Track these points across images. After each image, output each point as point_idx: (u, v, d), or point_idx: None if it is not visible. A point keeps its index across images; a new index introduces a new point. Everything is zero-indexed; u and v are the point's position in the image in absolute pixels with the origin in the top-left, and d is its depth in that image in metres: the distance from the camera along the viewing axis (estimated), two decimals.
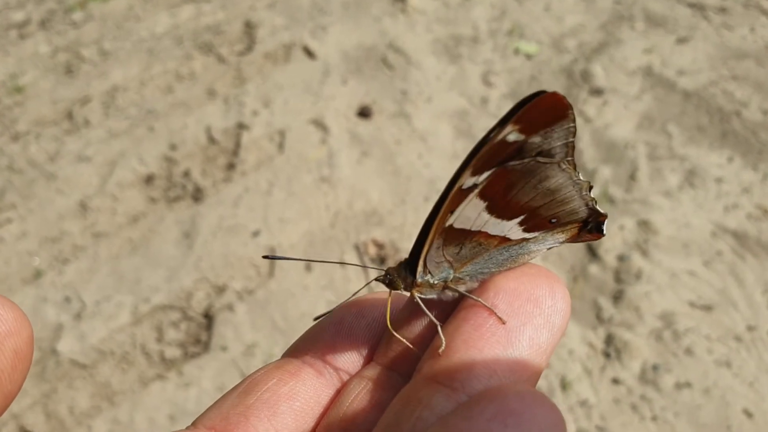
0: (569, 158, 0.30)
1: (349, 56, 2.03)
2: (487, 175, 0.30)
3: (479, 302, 0.28)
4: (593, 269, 1.36)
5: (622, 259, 1.38)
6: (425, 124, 1.77)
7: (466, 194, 0.30)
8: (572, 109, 0.29)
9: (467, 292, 0.30)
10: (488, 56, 1.98)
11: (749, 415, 1.12)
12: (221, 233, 1.53)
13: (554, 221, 0.32)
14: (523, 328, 0.27)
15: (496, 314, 0.27)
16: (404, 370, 0.30)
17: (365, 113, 1.80)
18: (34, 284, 1.47)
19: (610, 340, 1.25)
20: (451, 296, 0.32)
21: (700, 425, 1.12)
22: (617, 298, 1.31)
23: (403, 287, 0.32)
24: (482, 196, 0.30)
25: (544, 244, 0.33)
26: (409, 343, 0.30)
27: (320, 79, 1.95)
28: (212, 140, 1.78)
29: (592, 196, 0.32)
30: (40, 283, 1.47)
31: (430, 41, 2.07)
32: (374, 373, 0.30)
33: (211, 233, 1.53)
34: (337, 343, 0.31)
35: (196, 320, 1.37)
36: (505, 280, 0.29)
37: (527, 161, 0.30)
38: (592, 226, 0.33)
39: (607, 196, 1.50)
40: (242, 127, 1.80)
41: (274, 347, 1.30)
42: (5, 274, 1.50)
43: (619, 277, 1.35)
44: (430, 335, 0.30)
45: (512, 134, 0.29)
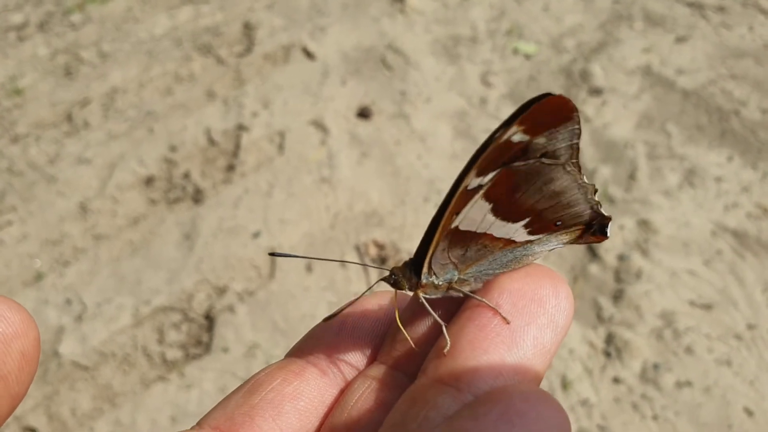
0: (574, 160, 0.31)
1: (348, 57, 2.03)
2: (492, 175, 0.30)
3: (483, 302, 0.28)
4: (593, 269, 1.37)
5: (622, 258, 1.38)
6: (424, 124, 1.77)
7: (471, 195, 0.30)
8: (578, 111, 0.29)
9: (471, 292, 0.30)
10: (487, 56, 1.98)
11: (750, 413, 1.12)
12: (221, 235, 1.53)
13: (559, 224, 0.32)
14: (527, 328, 0.27)
15: (500, 314, 0.28)
16: (408, 369, 0.30)
17: (365, 114, 1.81)
18: (35, 287, 1.47)
19: (610, 339, 1.25)
20: (455, 297, 0.32)
21: (700, 424, 1.12)
22: (617, 297, 1.32)
23: (407, 287, 0.32)
24: (487, 197, 0.30)
25: (547, 245, 0.33)
26: (413, 343, 0.30)
27: (319, 80, 1.95)
28: (212, 142, 1.78)
29: (597, 199, 0.32)
30: (41, 285, 1.47)
31: (428, 42, 2.07)
32: (378, 372, 0.30)
33: (211, 235, 1.53)
34: (340, 342, 0.32)
35: (197, 322, 1.37)
36: (509, 280, 0.29)
37: (532, 162, 0.30)
38: (596, 228, 0.33)
39: (606, 195, 1.51)
40: (242, 128, 1.80)
41: (275, 348, 1.30)
42: (6, 276, 1.50)
43: (619, 276, 1.35)
44: (434, 335, 0.30)
45: (517, 135, 0.29)
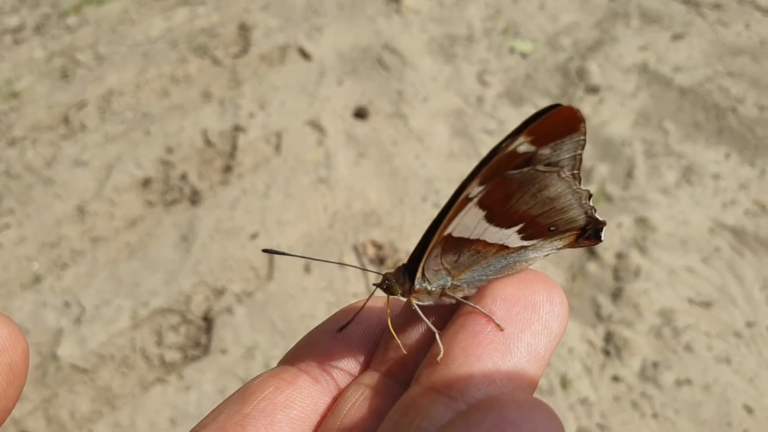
0: (576, 171, 0.31)
1: (344, 57, 2.03)
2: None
3: (477, 309, 0.28)
4: (592, 267, 1.37)
5: (620, 256, 1.38)
6: (421, 124, 1.77)
7: (465, 203, 0.30)
8: (585, 122, 0.29)
9: (465, 299, 0.30)
10: (483, 55, 1.98)
11: (749, 410, 1.12)
12: (219, 236, 1.52)
13: (553, 229, 0.32)
14: (521, 334, 0.27)
15: (494, 321, 0.27)
16: (402, 377, 0.30)
17: (361, 114, 1.80)
18: (33, 289, 1.47)
19: (609, 337, 1.25)
20: (448, 303, 0.32)
21: (700, 422, 1.12)
22: (616, 295, 1.31)
23: (400, 293, 0.32)
24: (481, 204, 0.30)
25: (542, 251, 0.33)
26: (406, 350, 0.30)
27: (316, 80, 1.95)
28: (209, 143, 1.78)
29: (591, 204, 0.32)
30: (39, 288, 1.47)
31: (425, 41, 2.07)
32: (372, 380, 0.30)
33: (208, 236, 1.53)
34: (334, 350, 0.31)
35: (195, 323, 1.37)
36: (502, 286, 0.29)
37: (526, 170, 0.30)
38: (590, 233, 0.33)
39: (604, 194, 1.51)
40: (238, 129, 1.80)
41: (273, 349, 1.30)
42: (4, 279, 1.50)
43: (617, 274, 1.35)
44: (427, 342, 0.30)
45: (523, 145, 0.29)
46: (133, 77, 2.06)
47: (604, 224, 0.33)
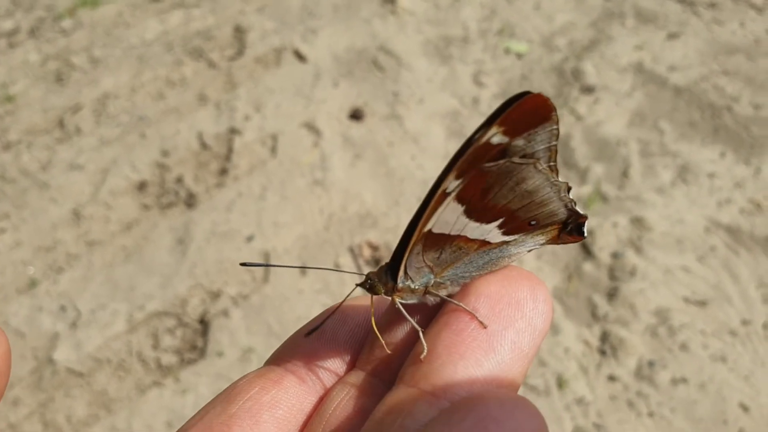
0: (552, 163, 0.30)
1: (339, 59, 2.03)
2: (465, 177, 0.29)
3: (461, 307, 0.28)
4: (587, 267, 1.37)
5: (616, 256, 1.38)
6: (417, 125, 1.77)
7: (443, 198, 0.30)
8: (556, 111, 0.29)
9: (449, 296, 0.30)
10: (479, 56, 1.98)
11: (745, 408, 1.12)
12: (215, 239, 1.52)
13: (534, 223, 0.32)
14: (504, 332, 0.27)
15: (477, 318, 0.27)
16: (387, 376, 0.30)
17: (357, 116, 1.80)
18: (29, 294, 1.47)
19: (605, 337, 1.25)
20: (432, 301, 0.31)
21: (696, 420, 1.12)
22: (612, 295, 1.31)
23: (384, 292, 0.32)
24: (459, 199, 0.30)
25: (524, 246, 0.33)
26: (391, 349, 0.30)
27: (311, 82, 1.95)
28: (204, 146, 1.78)
29: (570, 197, 0.32)
30: (35, 292, 1.47)
31: (420, 42, 2.07)
32: (357, 379, 0.30)
33: (204, 239, 1.52)
34: (319, 349, 0.31)
35: (191, 326, 1.37)
36: (486, 283, 0.29)
37: (502, 162, 0.29)
38: (572, 227, 0.32)
39: (600, 193, 1.51)
40: (234, 131, 1.80)
41: (270, 352, 1.29)
42: (0, 284, 1.50)
43: (613, 274, 1.35)
44: (412, 341, 0.30)
45: (496, 136, 0.28)
46: (128, 80, 2.06)
47: (585, 218, 0.32)
